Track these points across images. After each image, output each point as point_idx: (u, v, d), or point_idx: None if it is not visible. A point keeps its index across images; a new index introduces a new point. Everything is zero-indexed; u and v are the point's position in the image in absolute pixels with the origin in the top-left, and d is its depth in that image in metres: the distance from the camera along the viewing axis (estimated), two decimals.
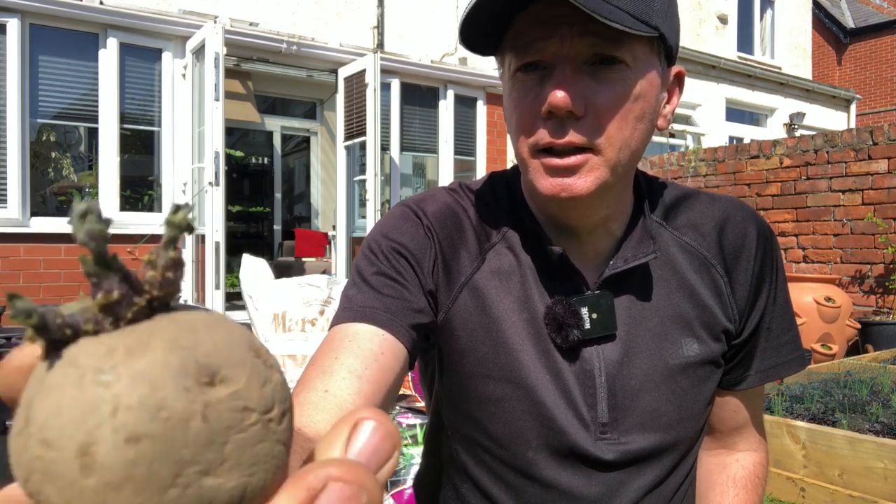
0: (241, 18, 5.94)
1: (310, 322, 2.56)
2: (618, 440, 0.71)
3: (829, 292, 4.46)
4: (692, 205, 0.78)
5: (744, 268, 0.75)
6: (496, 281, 0.72)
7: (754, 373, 0.78)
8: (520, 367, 0.71)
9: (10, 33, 4.96)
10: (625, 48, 0.62)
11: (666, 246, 0.75)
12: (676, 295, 0.74)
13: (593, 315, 0.70)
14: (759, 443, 0.85)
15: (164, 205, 5.67)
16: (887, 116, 14.29)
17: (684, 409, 0.73)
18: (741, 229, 0.76)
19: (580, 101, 0.63)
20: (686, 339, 0.73)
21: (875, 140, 4.69)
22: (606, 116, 0.63)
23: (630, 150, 0.66)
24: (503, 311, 0.72)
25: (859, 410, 2.73)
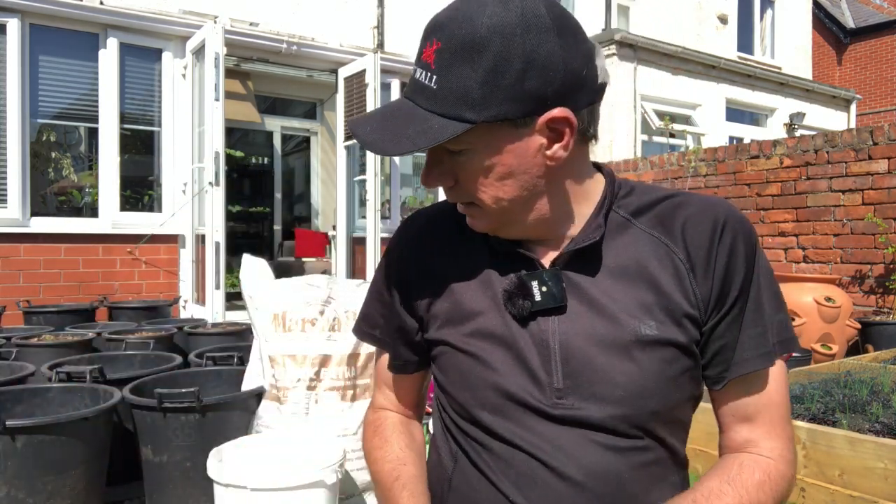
0: (241, 18, 5.94)
1: (310, 322, 2.56)
2: (573, 406, 0.79)
3: (829, 292, 4.45)
4: (669, 203, 0.85)
5: (705, 260, 0.81)
6: (461, 269, 0.87)
7: (728, 368, 0.82)
8: (479, 339, 0.83)
9: (10, 33, 4.96)
10: (457, 142, 0.75)
11: (632, 239, 0.83)
12: (637, 280, 0.81)
13: (542, 288, 0.80)
14: (780, 455, 0.82)
15: (164, 205, 5.66)
16: (887, 116, 14.28)
17: (639, 384, 0.78)
18: (706, 225, 0.82)
19: (447, 176, 0.80)
20: (644, 319, 0.79)
21: (875, 140, 4.69)
22: (469, 186, 0.79)
23: (506, 202, 0.79)
24: (465, 293, 0.86)
25: (859, 410, 2.73)
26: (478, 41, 0.71)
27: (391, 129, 0.76)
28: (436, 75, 0.74)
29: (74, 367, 2.74)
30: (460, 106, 0.73)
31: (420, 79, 0.76)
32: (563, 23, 0.74)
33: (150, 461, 2.33)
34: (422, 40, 0.77)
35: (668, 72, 8.62)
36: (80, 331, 3.82)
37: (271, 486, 1.79)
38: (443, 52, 0.73)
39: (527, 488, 0.80)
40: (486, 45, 0.71)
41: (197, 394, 2.24)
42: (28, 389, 2.53)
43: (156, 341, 3.42)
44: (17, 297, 4.87)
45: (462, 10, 0.74)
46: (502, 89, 0.72)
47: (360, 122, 0.79)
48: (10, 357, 3.17)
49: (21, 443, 2.03)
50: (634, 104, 8.24)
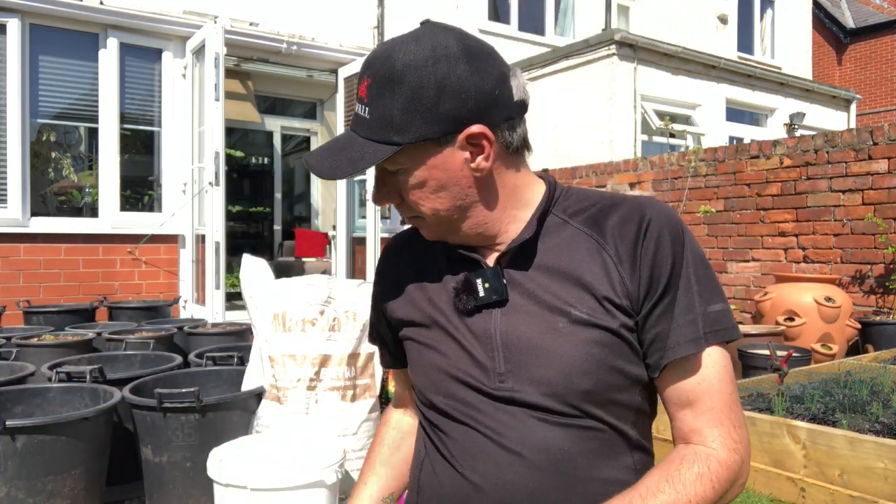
0: (241, 18, 5.94)
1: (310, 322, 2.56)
2: (513, 388, 0.88)
3: (829, 292, 4.46)
4: (597, 206, 0.95)
5: (632, 253, 0.88)
6: (424, 277, 1.00)
7: (664, 354, 0.88)
8: (434, 332, 0.96)
9: (11, 33, 4.96)
10: (392, 162, 0.88)
11: (566, 237, 0.93)
12: (570, 273, 0.90)
13: (486, 285, 0.92)
14: (722, 444, 0.86)
15: (164, 205, 5.66)
16: (887, 116, 14.28)
17: (569, 365, 0.86)
18: (633, 221, 0.90)
19: (393, 195, 0.92)
20: (576, 307, 0.88)
21: (875, 140, 4.69)
22: (410, 200, 0.91)
23: (444, 212, 0.90)
24: (426, 296, 0.98)
25: (859, 410, 2.73)
26: (395, 75, 0.84)
27: (335, 156, 0.89)
28: (368, 107, 0.86)
29: (74, 367, 2.74)
30: (388, 131, 0.85)
31: (358, 112, 0.89)
32: (472, 51, 0.86)
33: (150, 461, 2.33)
34: (358, 78, 0.89)
35: (668, 72, 8.62)
36: (80, 331, 3.82)
37: (271, 486, 1.80)
38: (371, 87, 0.86)
39: (480, 464, 0.89)
40: (403, 78, 0.83)
41: (197, 394, 2.24)
42: (28, 389, 2.53)
43: (156, 341, 3.42)
44: (17, 297, 4.87)
45: (385, 50, 0.86)
46: (420, 114, 0.84)
47: (313, 153, 0.92)
48: (10, 357, 3.17)
49: (21, 443, 2.03)
50: (634, 104, 8.24)
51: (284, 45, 5.98)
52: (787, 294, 4.60)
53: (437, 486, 0.95)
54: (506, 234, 0.94)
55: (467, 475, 0.90)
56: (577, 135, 8.33)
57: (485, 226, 0.93)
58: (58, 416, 2.15)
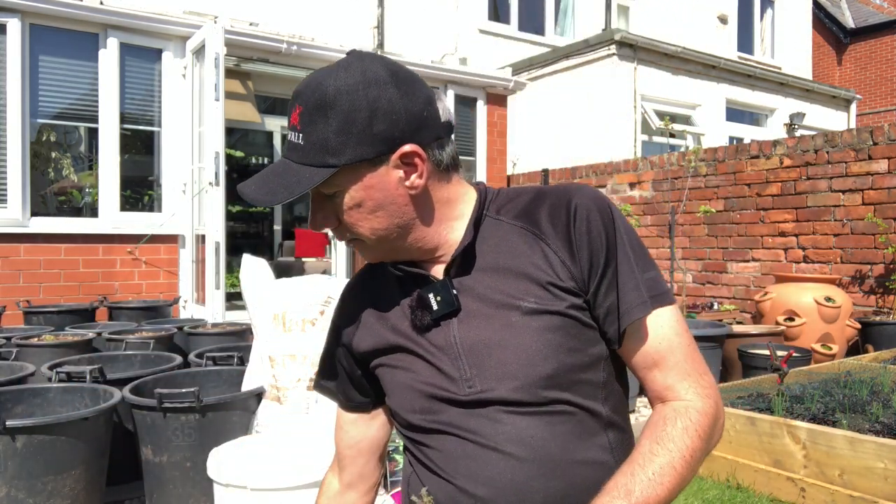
0: (241, 18, 5.94)
1: (310, 322, 2.56)
2: (481, 390, 0.91)
3: (829, 292, 4.46)
4: (524, 199, 0.99)
5: (566, 236, 0.93)
6: (382, 310, 1.03)
7: (619, 324, 0.92)
8: (402, 355, 0.98)
9: (11, 33, 4.96)
10: (328, 186, 0.90)
11: (503, 235, 0.97)
12: (513, 268, 0.93)
13: (437, 298, 0.95)
14: (697, 393, 0.92)
15: (164, 205, 5.67)
16: (887, 116, 14.28)
17: (527, 354, 0.90)
18: (564, 208, 0.94)
19: (330, 218, 0.94)
20: (524, 298, 0.91)
21: (875, 140, 4.69)
22: (348, 223, 0.93)
23: (382, 231, 0.93)
24: (388, 325, 1.00)
25: (859, 410, 2.73)
26: (328, 101, 0.87)
27: (270, 183, 0.91)
28: (301, 133, 0.89)
29: (74, 367, 2.74)
30: (323, 155, 0.88)
31: (292, 139, 0.91)
32: (400, 76, 0.91)
33: (150, 461, 2.33)
34: (288, 108, 0.92)
35: (668, 72, 8.62)
36: (80, 331, 3.82)
37: (271, 486, 1.80)
38: (304, 114, 0.89)
39: (463, 468, 0.92)
40: (335, 103, 0.87)
41: (197, 394, 2.24)
42: (28, 389, 2.53)
43: (156, 341, 3.42)
44: (17, 297, 4.87)
45: (314, 79, 0.90)
46: (354, 136, 0.88)
47: (247, 182, 0.94)
48: (10, 357, 3.17)
49: (21, 443, 2.03)
50: (634, 104, 8.24)
51: (284, 45, 5.98)
52: (787, 294, 4.60)
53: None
54: (446, 244, 0.98)
55: (454, 481, 0.93)
56: (577, 135, 8.32)
57: (424, 240, 0.97)
58: (58, 416, 2.15)
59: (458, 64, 7.15)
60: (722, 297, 5.68)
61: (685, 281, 5.87)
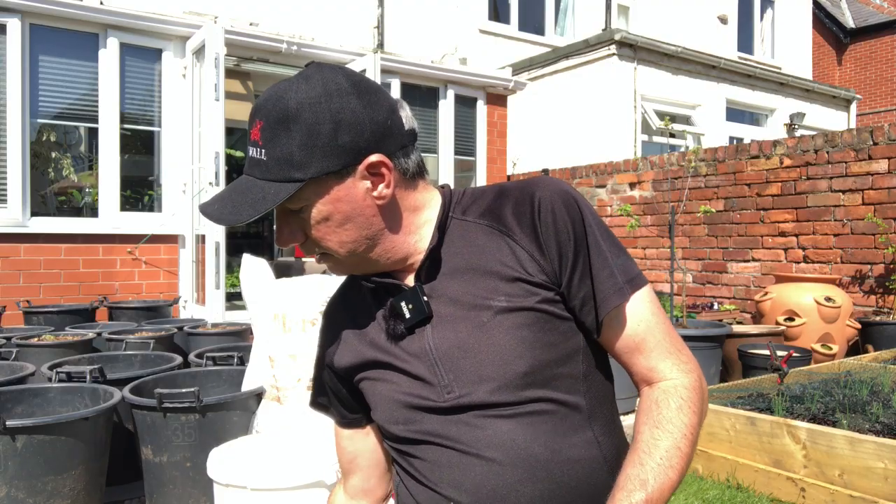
0: (241, 18, 5.94)
1: (310, 322, 2.56)
2: (459, 395, 0.90)
3: (829, 292, 4.45)
4: (499, 196, 0.97)
5: (532, 230, 0.92)
6: (358, 326, 1.02)
7: (597, 312, 0.92)
8: (381, 368, 0.97)
9: (11, 33, 4.96)
10: (294, 201, 0.88)
11: (469, 235, 0.95)
12: (478, 269, 0.93)
13: (409, 306, 0.93)
14: (681, 370, 0.93)
15: (164, 205, 5.67)
16: (887, 116, 14.28)
17: (502, 353, 0.89)
18: (527, 202, 0.93)
19: (297, 234, 0.92)
20: (495, 297, 0.90)
21: (875, 140, 4.69)
22: (316, 238, 0.91)
23: (350, 244, 0.92)
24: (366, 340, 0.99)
25: (859, 410, 2.73)
26: (290, 114, 0.85)
27: (234, 201, 0.89)
28: (264, 149, 0.87)
29: (74, 367, 2.74)
30: (288, 169, 0.86)
31: (253, 155, 0.89)
32: (362, 86, 0.89)
33: (150, 461, 2.33)
34: (248, 124, 0.90)
35: (668, 72, 8.62)
36: (80, 331, 3.82)
37: (271, 486, 1.80)
38: (265, 129, 0.87)
39: (447, 475, 0.91)
40: (298, 116, 0.85)
41: (197, 394, 2.24)
42: (28, 389, 2.53)
43: (156, 341, 3.42)
44: (17, 297, 4.87)
45: (274, 92, 0.88)
46: (319, 148, 0.86)
47: (209, 202, 0.91)
48: (11, 357, 3.17)
49: (21, 443, 2.03)
50: (634, 104, 8.24)
51: (284, 45, 5.98)
52: (787, 294, 4.60)
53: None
54: (416, 252, 0.96)
55: (438, 489, 0.92)
56: (577, 135, 8.32)
57: (393, 250, 0.95)
58: (58, 416, 2.15)
59: (458, 64, 7.15)
60: (722, 297, 5.68)
61: (685, 281, 5.87)
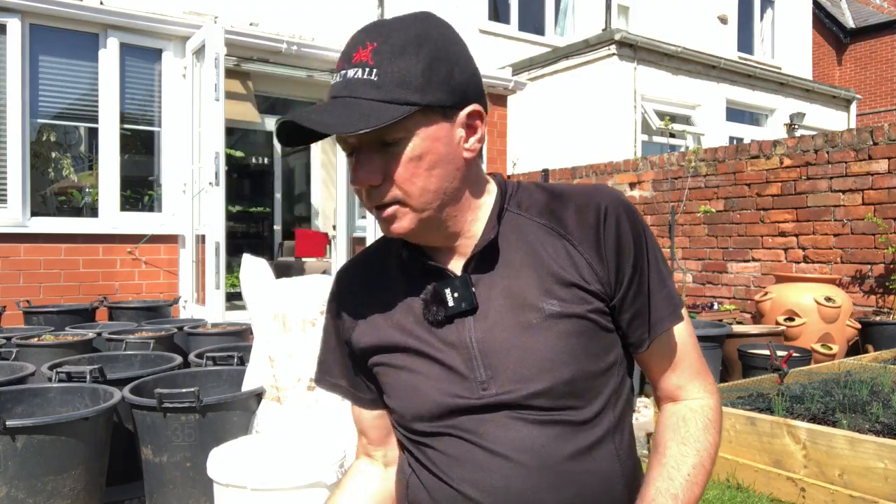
0: (241, 18, 5.94)
1: (310, 322, 2.56)
2: (496, 393, 0.87)
3: (829, 292, 4.45)
4: (556, 197, 0.95)
5: (595, 239, 0.90)
6: (384, 302, 0.96)
7: (647, 330, 0.93)
8: (408, 355, 0.92)
9: (11, 33, 4.96)
10: (398, 129, 0.83)
11: (526, 232, 0.93)
12: (536, 267, 0.90)
13: (455, 294, 0.89)
14: (707, 391, 0.96)
15: (164, 205, 5.67)
16: (887, 116, 14.28)
17: (549, 359, 0.87)
18: (590, 209, 0.91)
19: (377, 174, 0.85)
20: (546, 300, 0.88)
21: (875, 140, 4.69)
22: (400, 180, 0.85)
23: (431, 193, 0.87)
24: (391, 321, 0.94)
25: (859, 410, 2.73)
26: (416, 40, 0.84)
27: (339, 114, 0.82)
28: (376, 69, 0.82)
29: (74, 367, 2.74)
30: (404, 91, 0.82)
31: (358, 76, 0.83)
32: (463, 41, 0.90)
33: (150, 461, 2.33)
34: (348, 49, 0.86)
35: (668, 72, 8.62)
36: (80, 331, 3.82)
37: (271, 486, 1.79)
38: (381, 50, 0.83)
39: (468, 473, 0.88)
40: (423, 43, 0.84)
41: (197, 394, 2.24)
42: (28, 389, 2.53)
43: (156, 341, 3.42)
44: (17, 297, 4.87)
45: (392, 20, 0.86)
46: (438, 79, 0.84)
47: (302, 113, 0.83)
48: (10, 357, 3.17)
49: (21, 443, 2.03)
50: (634, 104, 8.24)
51: (284, 45, 5.98)
52: (787, 294, 4.60)
53: (427, 500, 0.93)
54: (467, 233, 0.93)
55: (456, 485, 0.89)
56: (577, 135, 8.32)
57: (455, 220, 0.91)
58: (58, 416, 2.15)
59: None
60: (722, 297, 5.68)
61: (685, 281, 5.87)
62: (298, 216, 9.37)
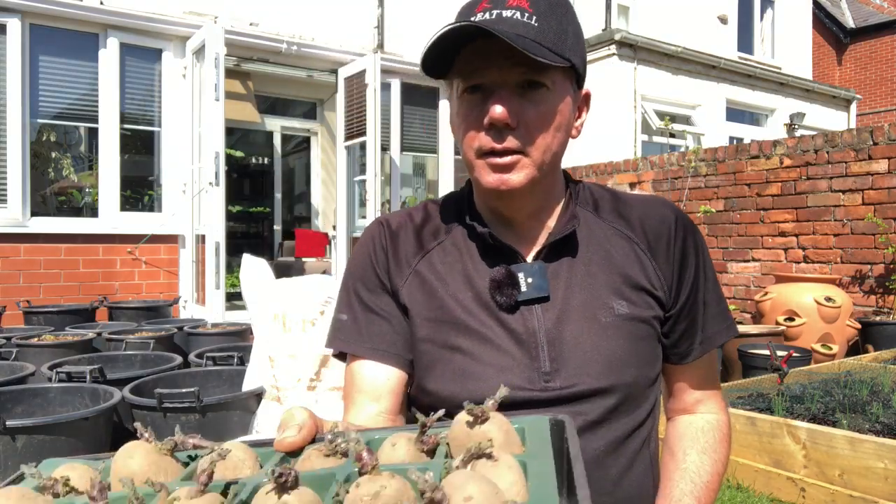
0: (241, 18, 5.94)
1: (310, 322, 2.56)
2: (559, 386, 0.84)
3: (829, 292, 4.45)
4: (619, 200, 0.95)
5: (665, 248, 0.91)
6: (439, 270, 0.90)
7: (698, 343, 0.93)
8: (465, 335, 0.85)
9: (11, 33, 4.96)
10: (546, 75, 0.81)
11: (597, 230, 0.92)
12: (606, 266, 0.89)
13: (529, 279, 0.86)
14: (721, 407, 0.99)
15: (164, 205, 5.67)
16: (887, 116, 14.28)
17: (616, 358, 0.85)
18: (661, 219, 0.92)
19: (514, 115, 0.81)
20: (616, 300, 0.87)
21: (875, 140, 4.69)
22: (533, 127, 0.82)
23: (551, 153, 0.85)
24: (447, 292, 0.88)
25: (859, 410, 2.73)
26: (563, 4, 0.84)
27: (520, 35, 0.77)
28: (535, 16, 0.80)
29: (74, 367, 2.74)
30: (560, 45, 0.80)
31: (512, 17, 0.79)
32: None
33: None
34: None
35: (668, 72, 8.62)
36: (80, 331, 3.82)
37: None
38: (538, 1, 0.81)
39: None
40: (569, 9, 0.84)
41: (197, 394, 2.24)
42: (28, 389, 2.53)
43: (156, 341, 3.42)
44: (17, 297, 4.87)
45: None
46: (580, 47, 0.85)
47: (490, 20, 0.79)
48: (10, 357, 3.17)
49: (21, 443, 2.03)
50: (634, 104, 8.24)
51: (284, 45, 5.98)
52: (787, 294, 4.60)
53: None
54: (543, 223, 0.91)
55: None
56: None
57: (545, 194, 0.89)
58: (58, 416, 2.15)
59: None
60: None
61: None
62: (298, 216, 9.38)
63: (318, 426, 0.58)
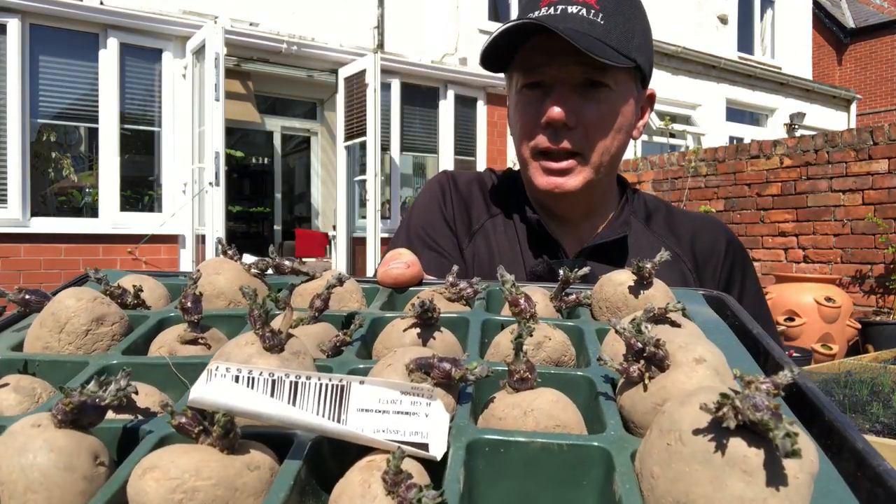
0: (241, 18, 5.94)
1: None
2: None
3: (829, 292, 4.45)
4: (672, 215, 0.93)
5: (712, 269, 0.91)
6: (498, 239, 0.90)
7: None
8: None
9: (11, 33, 4.96)
10: (609, 75, 0.79)
11: (644, 242, 0.90)
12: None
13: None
14: None
15: (164, 205, 5.67)
16: (887, 116, 14.28)
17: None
18: (712, 239, 0.92)
19: (573, 115, 0.79)
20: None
21: (875, 140, 4.69)
22: (593, 129, 0.80)
23: (610, 156, 0.83)
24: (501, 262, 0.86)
25: (859, 410, 2.73)
26: (636, 5, 0.82)
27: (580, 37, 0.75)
28: (602, 13, 0.78)
29: None
30: (626, 45, 0.78)
31: (578, 13, 0.77)
32: None
33: None
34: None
35: (668, 72, 8.62)
36: None
37: None
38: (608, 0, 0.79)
39: None
40: (636, 9, 0.82)
41: None
42: None
43: None
44: None
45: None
46: (648, 47, 0.82)
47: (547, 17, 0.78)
48: None
49: None
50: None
51: (284, 45, 5.98)
52: (787, 294, 4.60)
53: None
54: (594, 223, 0.90)
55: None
56: None
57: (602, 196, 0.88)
58: None
59: (458, 64, 7.14)
60: None
61: None
62: (298, 216, 9.38)
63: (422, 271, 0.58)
